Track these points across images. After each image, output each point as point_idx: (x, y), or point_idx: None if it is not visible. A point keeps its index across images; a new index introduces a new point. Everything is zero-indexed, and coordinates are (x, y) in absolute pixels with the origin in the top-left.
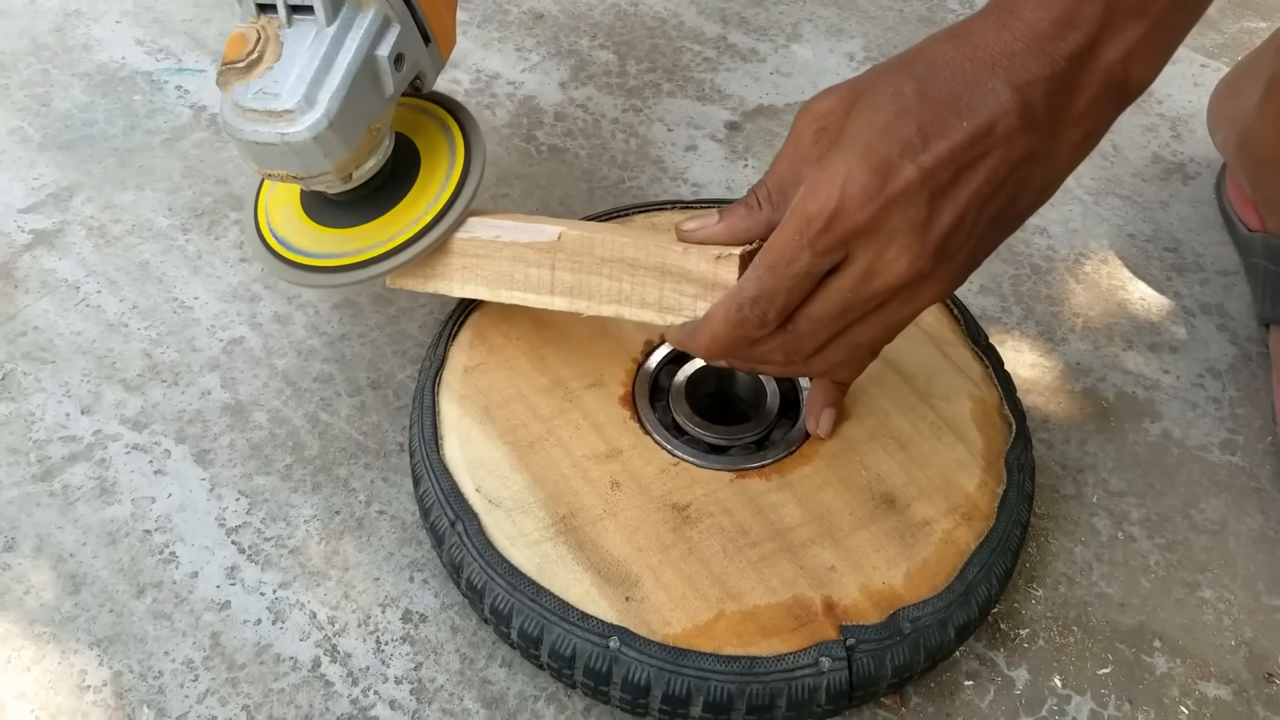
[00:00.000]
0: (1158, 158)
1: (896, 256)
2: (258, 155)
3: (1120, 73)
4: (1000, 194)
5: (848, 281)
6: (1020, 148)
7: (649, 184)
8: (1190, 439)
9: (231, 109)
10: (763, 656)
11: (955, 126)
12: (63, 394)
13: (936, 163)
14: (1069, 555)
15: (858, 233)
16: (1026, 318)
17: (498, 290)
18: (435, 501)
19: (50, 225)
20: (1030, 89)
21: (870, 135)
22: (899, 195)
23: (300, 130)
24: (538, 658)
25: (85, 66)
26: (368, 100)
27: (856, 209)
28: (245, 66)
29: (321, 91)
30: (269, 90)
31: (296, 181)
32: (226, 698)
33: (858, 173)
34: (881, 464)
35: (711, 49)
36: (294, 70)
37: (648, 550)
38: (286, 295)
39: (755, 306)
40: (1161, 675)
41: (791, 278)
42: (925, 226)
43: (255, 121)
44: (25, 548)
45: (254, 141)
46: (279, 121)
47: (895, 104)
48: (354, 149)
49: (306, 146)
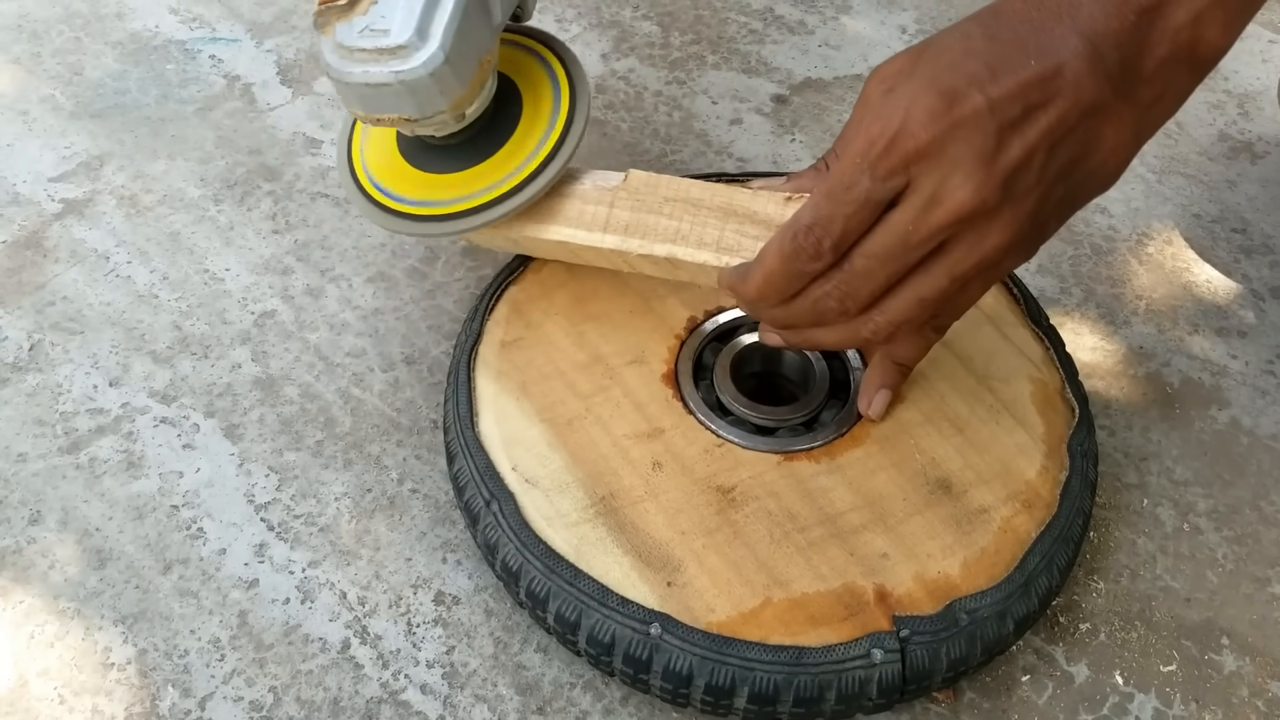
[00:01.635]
0: (1224, 135)
1: (961, 184)
2: (367, 99)
3: (1189, 36)
4: (1070, 141)
5: (909, 212)
6: (1090, 93)
7: (692, 158)
8: (1260, 428)
9: (335, 50)
10: (811, 647)
11: (1023, 65)
12: (91, 365)
13: (1004, 95)
14: (1131, 547)
15: (920, 155)
16: (1087, 299)
17: (545, 226)
18: (470, 480)
19: (81, 194)
20: (1099, 39)
21: (936, 69)
22: (965, 120)
23: (416, 67)
24: (575, 644)
25: (118, 35)
26: (479, 30)
27: (920, 129)
28: (347, 3)
29: (434, 24)
30: (376, 27)
31: (407, 126)
32: (253, 678)
33: (923, 96)
34: (937, 448)
35: (758, 20)
36: (401, 3)
37: (691, 534)
38: (319, 268)
39: (810, 234)
40: (1230, 674)
41: (850, 203)
42: (992, 156)
43: (365, 61)
44: (51, 521)
45: (364, 84)
46: (392, 59)
47: (962, 45)
48: (468, 84)
49: (423, 84)
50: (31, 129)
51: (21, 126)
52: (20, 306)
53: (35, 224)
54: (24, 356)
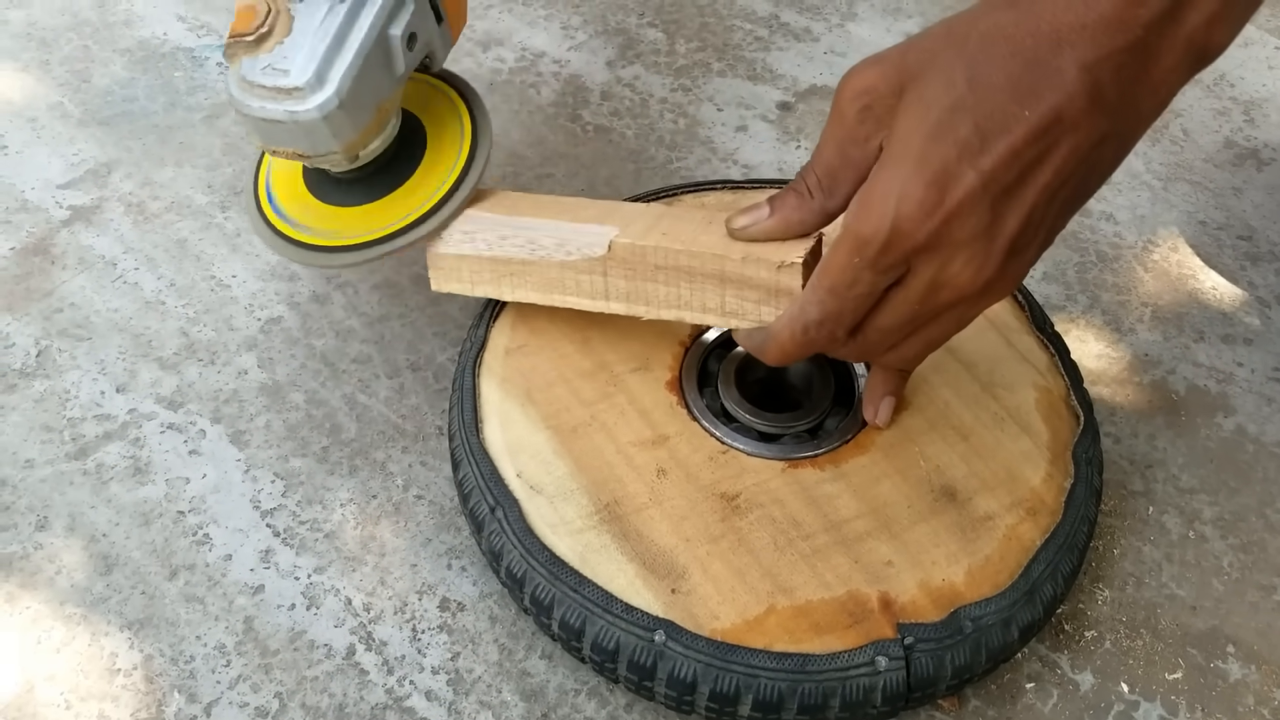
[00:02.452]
0: (1230, 143)
1: (962, 268)
2: (264, 132)
3: (1202, 38)
4: (1071, 182)
5: (913, 294)
6: (1090, 134)
7: (697, 165)
8: (1266, 435)
9: (238, 83)
10: (816, 654)
11: (1016, 119)
12: (98, 371)
13: (998, 164)
14: (1137, 554)
15: (918, 250)
16: (1092, 306)
17: (550, 295)
18: (475, 487)
19: (89, 201)
20: (1100, 67)
21: (922, 140)
22: (959, 207)
23: (309, 109)
24: (579, 650)
25: (126, 42)
26: (378, 80)
27: (915, 228)
28: (254, 40)
29: (333, 70)
30: (278, 66)
31: (301, 159)
32: (259, 684)
33: (913, 188)
34: (942, 455)
35: (763, 28)
36: (305, 46)
37: (695, 541)
38: (325, 275)
39: (822, 328)
40: (1235, 682)
41: (854, 299)
42: (990, 233)
43: (263, 98)
44: (57, 527)
45: (261, 118)
46: (288, 99)
47: (948, 97)
48: (362, 129)
49: (315, 126)
50: (40, 136)
51: (30, 134)
52: (28, 313)
53: (43, 231)
54: (31, 363)
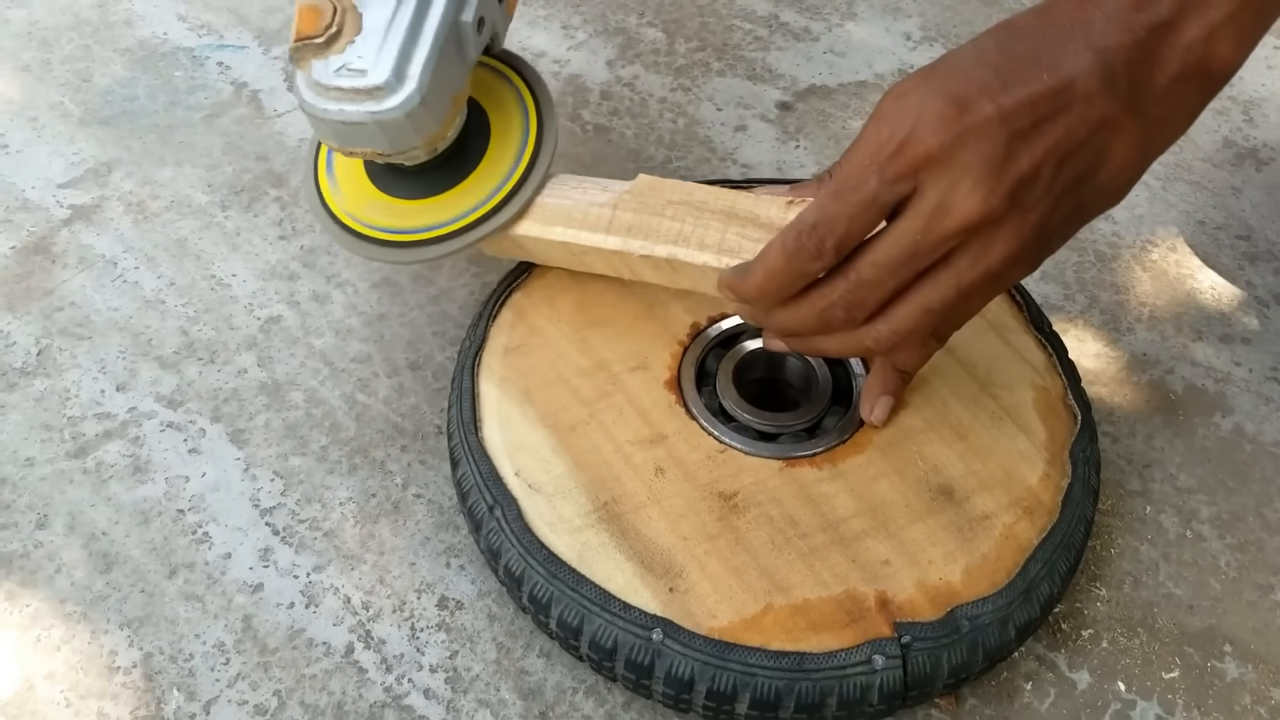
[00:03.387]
0: (1229, 143)
1: (969, 192)
2: (342, 135)
3: (1202, 52)
4: (1078, 155)
5: (916, 220)
6: (1100, 109)
7: (697, 164)
8: (1264, 434)
9: (311, 87)
10: (813, 653)
11: (1035, 77)
12: (98, 370)
13: (1015, 105)
14: (1134, 554)
15: (929, 160)
16: (1091, 306)
17: (550, 227)
18: (473, 485)
19: (89, 201)
20: (1111, 54)
21: (948, 78)
22: (975, 127)
23: (392, 108)
24: (577, 649)
25: (127, 42)
26: (453, 69)
27: (930, 134)
28: (324, 41)
29: (411, 65)
30: (354, 66)
31: (380, 159)
32: (258, 682)
33: (934, 101)
34: (939, 454)
35: (763, 27)
36: (378, 43)
37: (693, 540)
38: (325, 274)
39: (814, 232)
40: (1232, 681)
41: (856, 204)
42: (1001, 165)
43: (340, 100)
44: (57, 525)
45: (340, 122)
46: (368, 100)
47: (975, 55)
48: (442, 122)
49: (398, 124)
50: (41, 135)
51: (31, 133)
52: (29, 312)
53: (44, 230)
54: (32, 361)
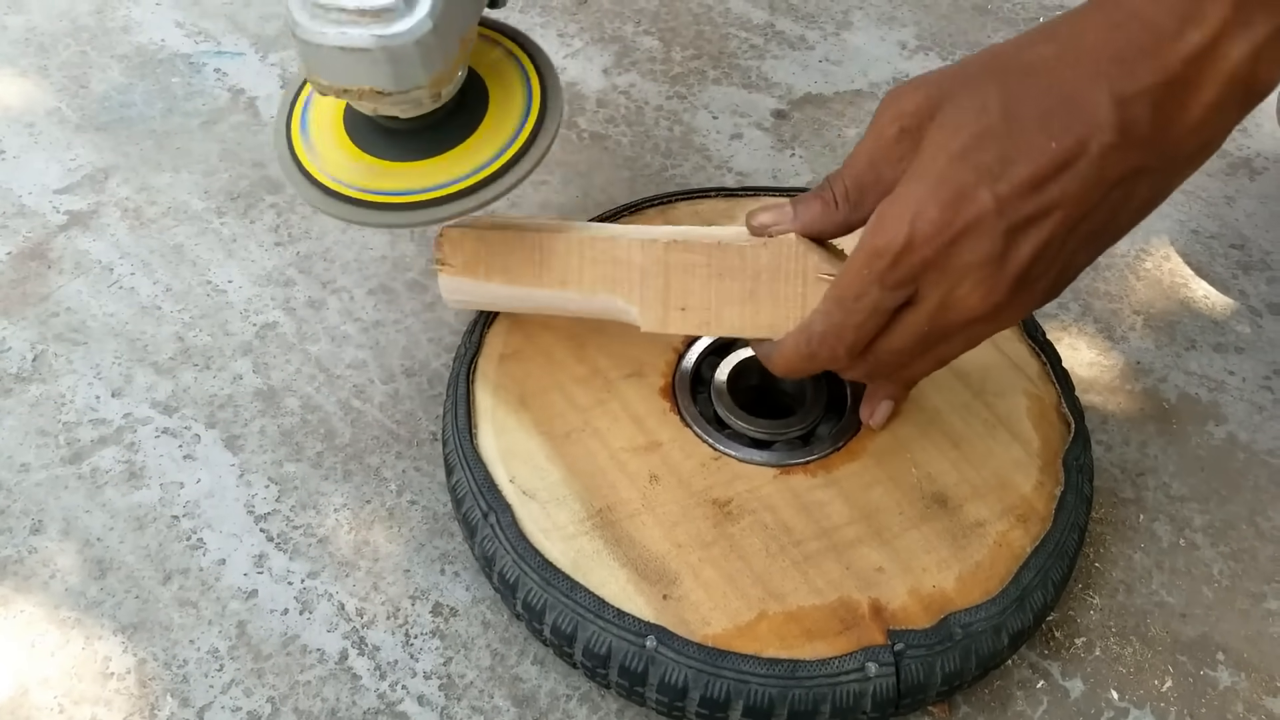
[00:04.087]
0: (1223, 152)
1: (969, 292)
2: (338, 65)
3: (1247, 73)
4: (1093, 216)
5: (922, 317)
6: (1118, 167)
7: (692, 172)
8: (1257, 443)
9: (306, 8)
10: (806, 660)
11: (1040, 149)
12: (94, 376)
13: (1014, 191)
14: (1128, 562)
15: (926, 268)
16: (1085, 314)
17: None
18: (468, 492)
19: (85, 206)
20: (1136, 101)
21: (945, 162)
22: (970, 226)
23: (401, 32)
24: (571, 656)
25: (124, 48)
26: (465, 4)
27: (924, 243)
28: None
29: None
30: None
31: (376, 100)
32: (251, 688)
33: (928, 206)
34: (933, 462)
35: (759, 36)
36: None
37: (687, 547)
38: (321, 280)
39: (824, 342)
40: (1225, 690)
41: (859, 312)
42: (1000, 261)
43: (342, 22)
44: (52, 530)
45: (339, 46)
46: (374, 22)
47: (977, 123)
48: (451, 60)
49: (406, 52)
50: (38, 141)
51: (28, 139)
52: (24, 317)
53: (40, 235)
54: (27, 367)
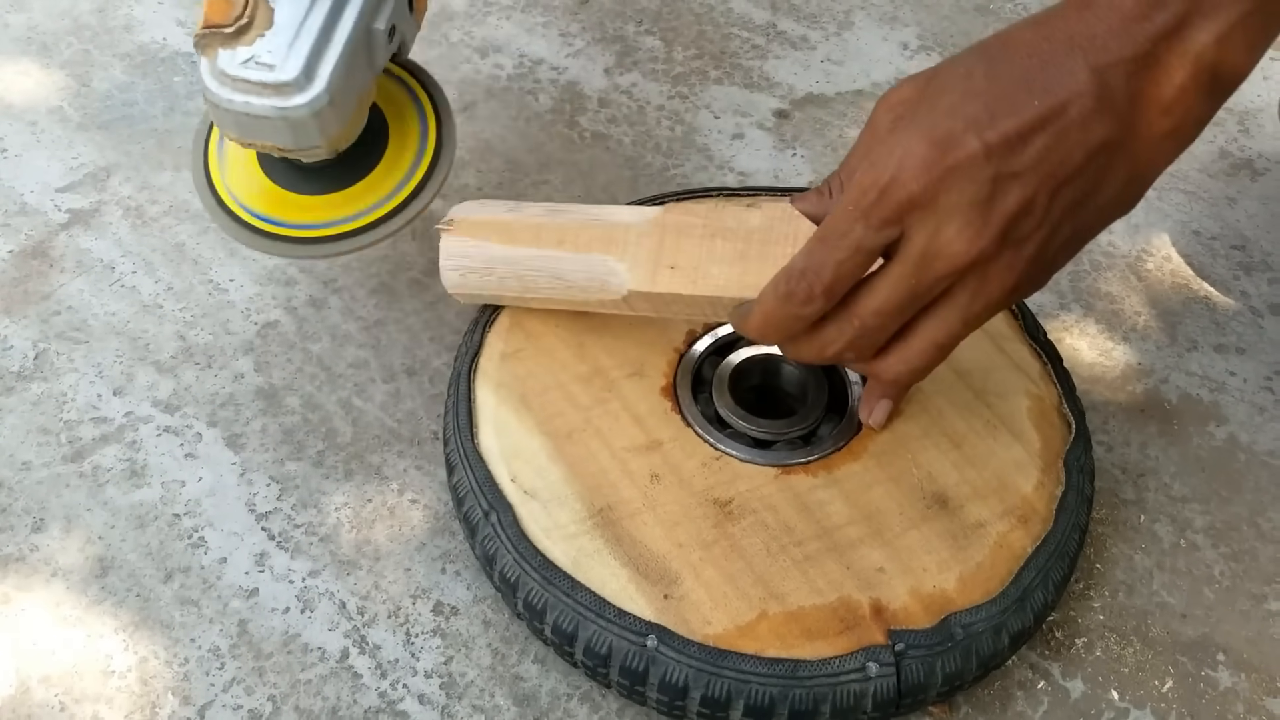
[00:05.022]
0: (1225, 153)
1: (956, 234)
2: (244, 126)
3: (1212, 58)
4: (1076, 182)
5: (908, 265)
6: (1097, 133)
7: (694, 172)
8: (1258, 444)
9: (215, 75)
10: (807, 660)
11: (1025, 105)
12: (95, 374)
13: (1001, 139)
14: (1128, 563)
15: (913, 205)
16: (1086, 315)
17: (579, 307)
18: (469, 491)
19: (87, 205)
20: (1110, 71)
21: (935, 113)
22: (958, 167)
23: (299, 105)
24: (572, 655)
25: (126, 47)
26: (362, 73)
27: (912, 179)
28: (233, 32)
29: (321, 66)
30: (262, 60)
31: (279, 153)
32: (253, 687)
33: (917, 144)
34: (934, 462)
35: (760, 36)
36: (288, 40)
37: (688, 546)
38: (322, 279)
39: (803, 279)
40: (1225, 690)
41: (842, 249)
42: (987, 204)
43: (246, 92)
44: (54, 529)
45: (243, 113)
46: (274, 95)
47: (964, 85)
48: (347, 122)
49: (304, 122)
50: (39, 140)
51: (29, 137)
52: (26, 315)
53: (42, 234)
54: (29, 365)
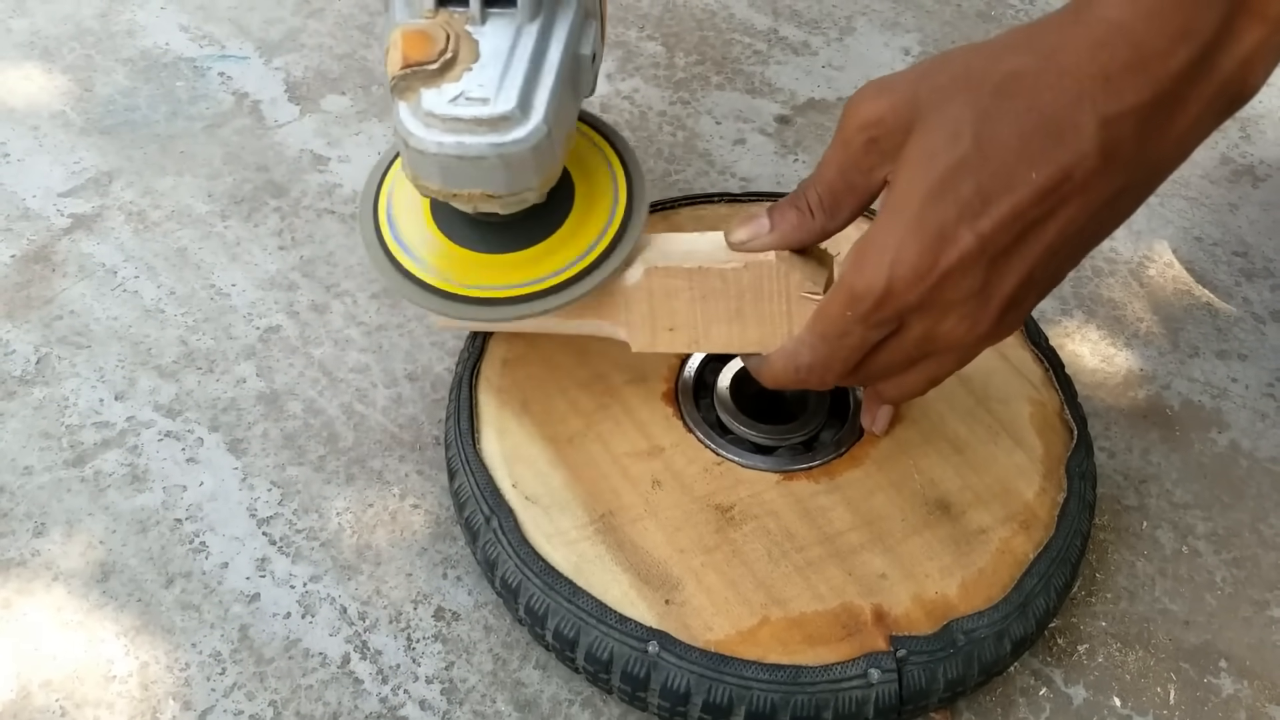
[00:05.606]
0: (1226, 159)
1: (955, 326)
2: (452, 171)
3: (1238, 84)
4: (1078, 239)
5: (908, 344)
6: (1102, 191)
7: (696, 177)
8: (1260, 450)
9: (419, 118)
10: (808, 666)
11: (1022, 181)
12: (97, 379)
13: (997, 227)
14: (1130, 569)
15: (910, 309)
16: (1088, 321)
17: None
18: (470, 496)
19: (89, 210)
20: (1121, 121)
21: (922, 197)
22: (953, 270)
23: (519, 139)
24: (573, 660)
25: (129, 52)
26: (570, 103)
27: (906, 289)
28: (438, 68)
29: (536, 96)
30: (473, 95)
31: (485, 202)
32: (254, 692)
33: (909, 249)
34: (936, 468)
35: (762, 41)
36: (500, 71)
37: (690, 552)
38: (324, 284)
39: (812, 371)
40: (1228, 697)
41: (844, 348)
42: (984, 294)
43: (458, 131)
44: (55, 534)
45: (456, 155)
46: (490, 131)
47: (953, 152)
48: (560, 159)
49: (522, 158)
50: (42, 144)
51: (32, 142)
52: (28, 320)
53: (44, 238)
54: (31, 370)
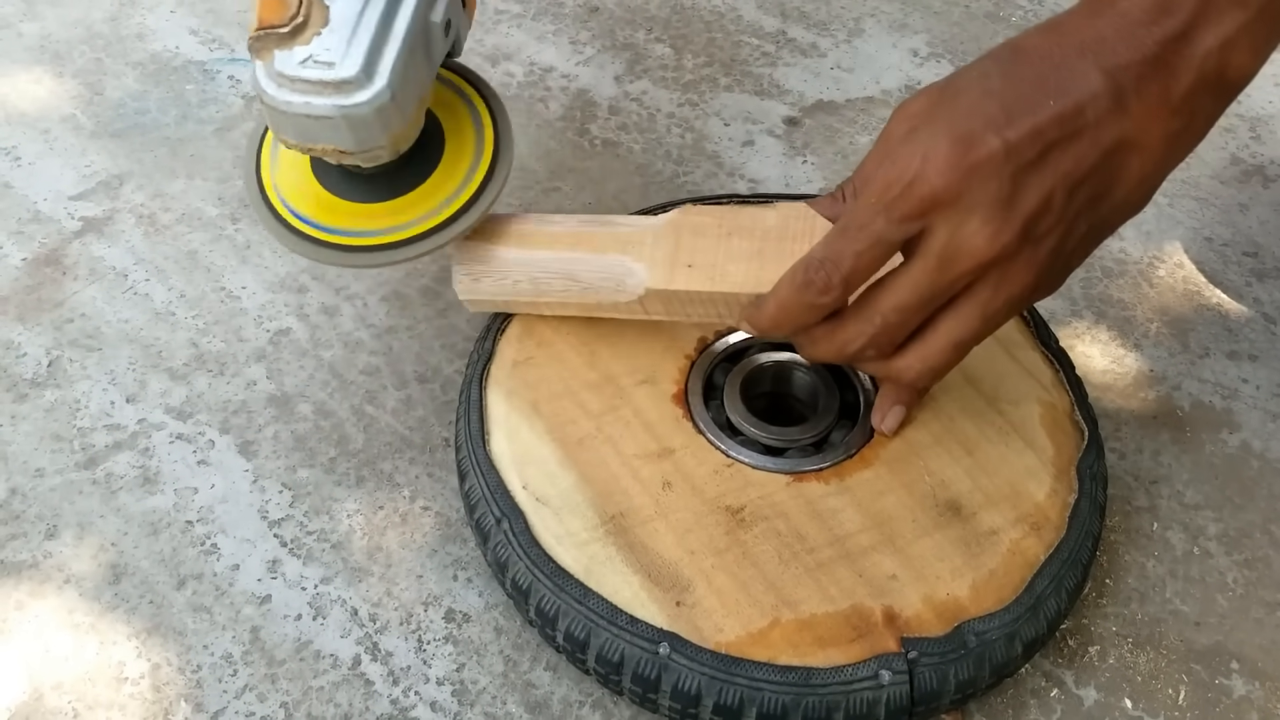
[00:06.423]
0: (1236, 159)
1: (977, 230)
2: (303, 129)
3: (1218, 62)
4: (1091, 180)
5: (930, 260)
6: (1111, 132)
7: (704, 179)
8: (1271, 451)
9: (272, 78)
10: (819, 668)
11: (1041, 105)
12: (108, 382)
13: (1021, 137)
14: (1141, 570)
15: (936, 201)
16: (1098, 322)
17: (591, 311)
18: (481, 498)
19: (100, 213)
20: (1121, 73)
21: (954, 114)
22: (980, 165)
23: (361, 103)
24: (584, 662)
25: (139, 55)
26: (421, 69)
27: (936, 175)
28: (289, 31)
29: (381, 61)
30: (321, 58)
31: (340, 157)
32: (265, 694)
33: (940, 143)
34: (946, 470)
35: (770, 43)
36: (347, 36)
37: (700, 554)
38: (334, 287)
39: (821, 268)
40: (1239, 699)
41: (862, 240)
42: (1009, 201)
43: (305, 92)
44: (67, 536)
45: (304, 114)
46: (335, 93)
47: (981, 86)
48: (408, 121)
49: (366, 120)
50: (53, 148)
51: (43, 145)
52: (40, 323)
53: (55, 242)
54: (43, 372)
